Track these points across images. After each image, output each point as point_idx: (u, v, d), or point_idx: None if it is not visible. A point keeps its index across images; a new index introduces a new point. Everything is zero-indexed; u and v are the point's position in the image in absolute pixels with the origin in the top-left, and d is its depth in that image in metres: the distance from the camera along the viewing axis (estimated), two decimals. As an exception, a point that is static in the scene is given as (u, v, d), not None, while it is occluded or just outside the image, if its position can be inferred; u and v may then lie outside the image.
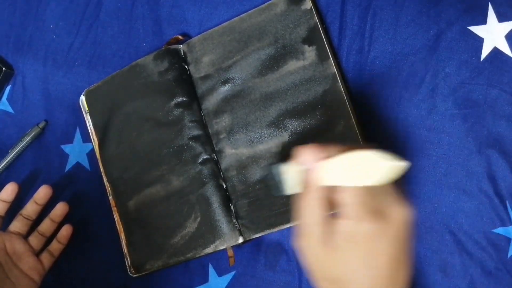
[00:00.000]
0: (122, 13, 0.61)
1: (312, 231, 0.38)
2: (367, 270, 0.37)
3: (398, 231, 0.37)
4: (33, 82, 0.63)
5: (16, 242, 0.55)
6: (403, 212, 0.37)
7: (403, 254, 0.38)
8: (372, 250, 0.36)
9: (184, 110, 0.55)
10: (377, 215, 0.36)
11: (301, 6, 0.52)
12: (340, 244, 0.37)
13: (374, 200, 0.36)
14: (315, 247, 0.38)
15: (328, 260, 0.38)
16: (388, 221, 0.36)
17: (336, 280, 0.38)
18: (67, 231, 0.58)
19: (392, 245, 0.37)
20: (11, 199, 0.56)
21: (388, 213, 0.36)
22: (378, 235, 0.36)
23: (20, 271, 0.54)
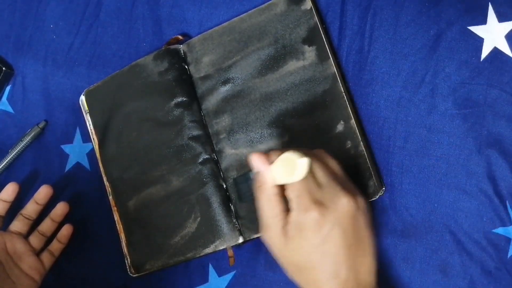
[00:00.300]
0: (122, 13, 0.61)
1: (271, 223, 0.42)
2: (321, 256, 0.41)
3: (341, 219, 0.40)
4: (33, 82, 0.63)
5: (16, 241, 0.55)
6: (345, 201, 0.41)
7: (356, 241, 0.41)
8: (320, 237, 0.40)
9: (184, 110, 0.55)
10: (320, 205, 0.40)
11: (301, 6, 0.52)
12: (293, 233, 0.41)
13: (318, 193, 0.41)
14: (275, 237, 0.42)
15: (287, 249, 0.42)
16: (332, 210, 0.40)
17: (300, 268, 0.43)
18: (68, 231, 0.58)
19: (338, 232, 0.40)
20: (11, 199, 0.56)
21: (331, 203, 0.40)
22: (323, 222, 0.40)
23: (20, 270, 0.54)
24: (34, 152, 0.63)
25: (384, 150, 0.51)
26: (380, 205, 0.51)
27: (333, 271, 0.41)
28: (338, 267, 0.41)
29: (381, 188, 0.50)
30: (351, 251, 0.41)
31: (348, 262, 0.41)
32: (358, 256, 0.42)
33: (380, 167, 0.51)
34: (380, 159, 0.51)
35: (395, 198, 0.51)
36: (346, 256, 0.41)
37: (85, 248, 0.60)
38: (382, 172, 0.51)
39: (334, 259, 0.41)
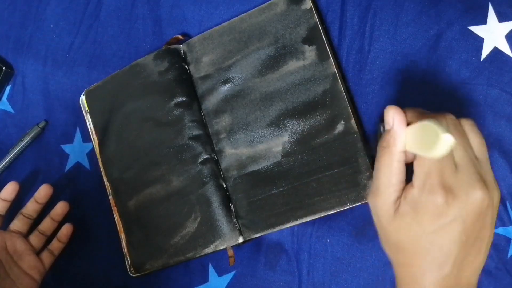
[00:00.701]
0: (122, 13, 0.61)
1: (386, 192, 0.37)
2: (430, 245, 0.36)
3: (467, 213, 0.35)
4: (33, 82, 0.63)
5: (16, 241, 0.55)
6: (478, 195, 0.35)
7: (473, 240, 0.36)
8: (437, 226, 0.35)
9: (184, 110, 0.55)
10: (448, 192, 0.35)
11: (301, 6, 0.52)
12: (406, 211, 0.36)
13: (451, 176, 0.35)
14: (384, 208, 0.37)
15: (393, 225, 0.37)
16: (460, 201, 0.35)
17: (401, 249, 0.38)
18: (68, 230, 0.58)
19: (458, 227, 0.35)
20: (11, 198, 0.56)
21: (463, 194, 0.35)
22: (445, 211, 0.35)
23: (20, 269, 0.54)
24: (34, 152, 0.63)
25: None
26: (380, 205, 0.51)
27: (437, 263, 0.36)
28: (444, 261, 0.36)
29: (381, 188, 0.50)
30: (464, 249, 0.36)
31: (456, 259, 0.36)
32: (469, 255, 0.36)
33: (380, 167, 0.51)
34: (380, 159, 0.51)
35: (395, 198, 0.51)
36: (457, 253, 0.36)
37: (85, 248, 0.60)
38: (382, 172, 0.51)
39: (442, 252, 0.36)
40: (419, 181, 0.36)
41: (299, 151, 0.51)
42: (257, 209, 0.52)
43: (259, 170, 0.53)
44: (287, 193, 0.51)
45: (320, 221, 0.52)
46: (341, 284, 0.52)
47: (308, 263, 0.53)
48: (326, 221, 0.53)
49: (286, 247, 0.54)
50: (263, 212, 0.52)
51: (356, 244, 0.52)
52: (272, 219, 0.52)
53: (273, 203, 0.52)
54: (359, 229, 0.52)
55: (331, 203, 0.50)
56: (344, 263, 0.52)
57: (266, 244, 0.55)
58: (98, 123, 0.59)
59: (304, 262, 0.53)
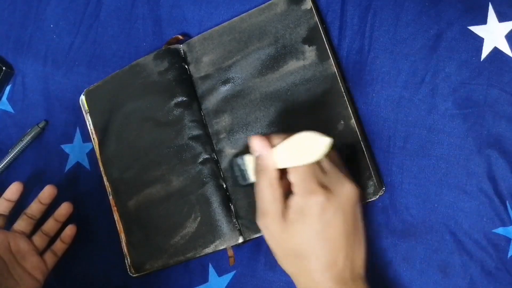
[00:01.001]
0: (122, 13, 0.61)
1: (269, 209, 0.41)
2: (321, 242, 0.40)
3: (344, 205, 0.40)
4: (33, 82, 0.63)
5: (20, 241, 0.55)
6: (349, 188, 0.41)
7: (354, 230, 0.41)
8: (322, 222, 0.40)
9: (184, 110, 0.55)
10: (326, 189, 0.39)
11: (301, 6, 0.52)
12: (293, 218, 0.40)
13: (321, 178, 0.40)
14: (274, 223, 0.41)
15: (285, 235, 0.41)
16: (337, 194, 0.40)
17: (297, 255, 0.41)
18: (72, 231, 0.58)
19: (340, 218, 0.40)
20: (15, 198, 0.57)
21: (334, 188, 0.40)
22: (325, 207, 0.39)
23: (23, 270, 0.54)
24: (34, 152, 0.63)
25: (384, 150, 0.51)
26: (380, 205, 0.51)
27: (331, 259, 0.40)
28: (336, 254, 0.40)
29: (381, 188, 0.50)
30: (350, 240, 0.41)
31: (346, 250, 0.40)
32: (355, 246, 0.41)
33: (380, 167, 0.51)
34: (380, 159, 0.51)
35: (395, 198, 0.51)
36: (345, 243, 0.40)
37: (85, 248, 0.60)
38: (382, 172, 0.51)
39: (333, 245, 0.40)
40: (298, 188, 0.40)
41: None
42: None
43: (259, 170, 0.53)
44: (287, 193, 0.51)
45: (320, 221, 0.52)
46: (341, 284, 0.52)
47: (308, 263, 0.53)
48: (326, 221, 0.53)
49: (286, 247, 0.54)
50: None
51: (356, 244, 0.52)
52: (272, 219, 0.52)
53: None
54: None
55: (331, 203, 0.50)
56: (344, 263, 0.52)
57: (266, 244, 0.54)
58: (98, 123, 0.59)
59: (304, 262, 0.53)
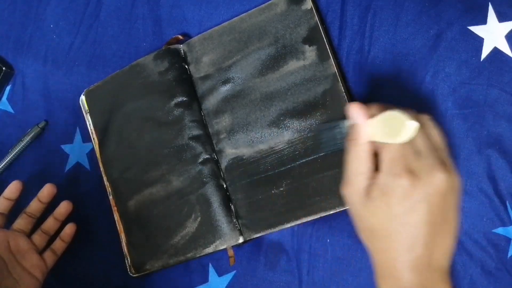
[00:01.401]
0: (122, 13, 0.61)
1: (356, 180, 0.40)
2: (400, 225, 0.38)
3: (431, 195, 0.37)
4: (33, 82, 0.63)
5: (19, 240, 0.55)
6: (440, 177, 0.37)
7: (440, 220, 0.38)
8: (404, 206, 0.37)
9: (184, 110, 0.55)
10: (413, 175, 0.37)
11: (301, 6, 0.52)
12: (376, 195, 0.39)
13: (414, 161, 0.38)
14: (356, 195, 0.40)
15: (366, 210, 0.40)
16: (424, 183, 0.37)
17: (374, 232, 0.40)
18: (71, 230, 0.58)
19: (424, 207, 0.37)
20: (15, 197, 0.57)
21: (426, 176, 0.37)
22: (411, 193, 0.37)
23: (23, 268, 0.54)
24: (34, 152, 0.63)
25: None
26: (380, 205, 0.51)
27: (409, 244, 0.38)
28: (415, 241, 0.38)
29: (381, 188, 0.50)
30: (433, 230, 0.38)
31: (426, 239, 0.38)
32: (438, 236, 0.38)
33: (380, 167, 0.51)
34: (380, 159, 0.51)
35: (395, 198, 0.51)
36: (426, 233, 0.38)
37: (85, 248, 0.60)
38: (382, 172, 0.51)
39: (413, 232, 0.38)
40: (385, 167, 0.39)
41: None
42: (257, 209, 0.52)
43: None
44: (287, 193, 0.51)
45: (320, 221, 0.52)
46: (341, 284, 0.52)
47: (308, 263, 0.53)
48: (326, 221, 0.53)
49: (286, 247, 0.54)
50: (263, 212, 0.52)
51: (356, 244, 0.52)
52: (272, 219, 0.52)
53: (273, 203, 0.52)
54: (359, 229, 0.52)
55: (331, 203, 0.50)
56: (344, 263, 0.52)
57: (266, 244, 0.55)
58: (98, 123, 0.59)
59: (304, 262, 0.53)
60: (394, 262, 0.39)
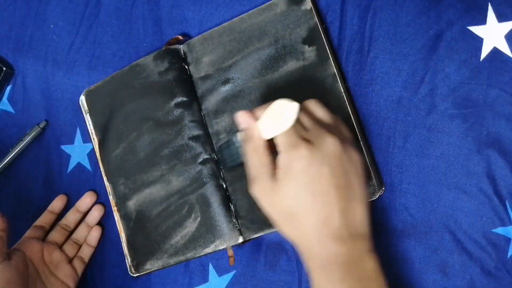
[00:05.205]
0: (122, 13, 0.61)
1: (260, 173, 0.42)
2: (311, 196, 0.40)
3: (329, 158, 0.40)
4: (34, 82, 0.63)
5: (53, 251, 0.57)
6: (332, 141, 0.40)
7: (346, 184, 0.40)
8: (309, 175, 0.39)
9: (184, 110, 0.55)
10: (307, 143, 0.40)
11: (301, 6, 0.52)
12: (281, 176, 0.40)
13: (303, 133, 0.41)
14: (264, 186, 0.41)
15: (278, 196, 0.41)
16: (318, 148, 0.40)
17: (292, 215, 0.41)
18: (98, 233, 0.59)
19: (327, 171, 0.39)
20: (59, 211, 0.60)
21: (318, 142, 0.40)
22: (310, 160, 0.39)
23: (56, 279, 0.55)
24: (35, 152, 0.63)
25: (383, 150, 0.51)
26: (380, 205, 0.51)
27: (324, 214, 0.39)
28: (330, 209, 0.39)
29: (380, 188, 0.50)
30: (342, 194, 0.40)
31: (339, 204, 0.39)
32: (349, 201, 0.40)
33: (380, 167, 0.51)
34: (380, 159, 0.52)
35: (394, 198, 0.51)
36: (337, 197, 0.39)
37: (85, 248, 0.60)
38: (382, 172, 0.51)
39: (324, 199, 0.39)
40: (282, 146, 0.41)
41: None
42: (257, 209, 0.52)
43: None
44: (287, 193, 0.51)
45: (320, 221, 0.52)
46: (341, 284, 0.52)
47: (308, 263, 0.53)
48: (326, 221, 0.53)
49: (286, 247, 0.54)
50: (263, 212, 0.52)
51: (356, 244, 0.52)
52: (272, 219, 0.52)
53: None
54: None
55: (331, 203, 0.50)
56: (344, 263, 0.52)
57: (266, 244, 0.55)
58: (98, 123, 0.59)
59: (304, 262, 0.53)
60: (315, 239, 0.40)
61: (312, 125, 0.42)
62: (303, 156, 0.39)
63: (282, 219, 0.42)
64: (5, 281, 0.49)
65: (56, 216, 0.60)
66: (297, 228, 0.41)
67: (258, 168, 0.42)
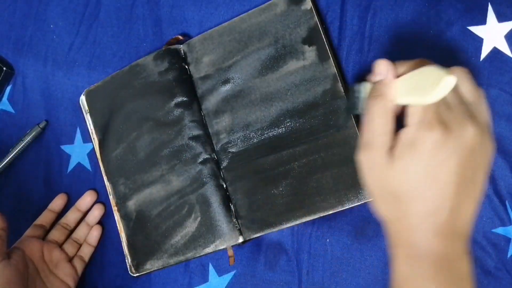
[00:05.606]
0: (122, 13, 0.61)
1: (376, 141, 0.37)
2: (429, 182, 0.35)
3: (463, 148, 0.35)
4: (34, 82, 0.63)
5: (53, 250, 0.57)
6: (473, 131, 0.35)
7: (469, 180, 0.36)
8: (435, 160, 0.35)
9: (184, 110, 0.55)
10: (445, 127, 0.35)
11: (301, 6, 0.52)
12: (402, 152, 0.36)
13: (445, 113, 0.35)
14: (377, 157, 0.37)
15: (389, 173, 0.36)
16: (455, 136, 0.35)
17: (398, 196, 0.36)
18: (98, 232, 0.59)
19: (455, 162, 0.35)
20: (59, 209, 0.60)
21: (458, 128, 0.35)
22: (441, 145, 0.35)
23: (56, 277, 0.56)
24: (35, 152, 0.63)
25: None
26: (380, 205, 0.51)
27: (435, 205, 0.35)
28: (442, 202, 0.35)
29: (381, 188, 0.50)
30: (461, 190, 0.35)
31: (454, 200, 0.35)
32: (465, 198, 0.36)
33: (380, 167, 0.51)
34: (380, 159, 0.51)
35: (395, 198, 0.51)
36: (455, 192, 0.35)
37: (85, 248, 0.60)
38: (382, 172, 0.51)
39: (441, 190, 0.35)
40: (415, 119, 0.36)
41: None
42: (257, 209, 0.53)
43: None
44: (286, 193, 0.51)
45: (320, 221, 0.53)
46: (341, 284, 0.52)
47: (308, 263, 0.53)
48: (326, 221, 0.53)
49: (286, 247, 0.54)
50: (263, 212, 0.52)
51: (356, 244, 0.52)
52: (272, 219, 0.52)
53: (272, 203, 0.52)
54: (358, 229, 0.52)
55: (331, 203, 0.50)
56: (344, 263, 0.52)
57: (266, 244, 0.55)
58: (98, 123, 0.59)
59: (304, 262, 0.53)
60: (416, 228, 0.36)
61: (456, 105, 0.36)
62: (435, 140, 0.35)
63: (383, 196, 0.38)
64: (5, 280, 0.49)
65: (56, 215, 0.60)
66: (399, 210, 0.37)
67: (378, 135, 0.37)
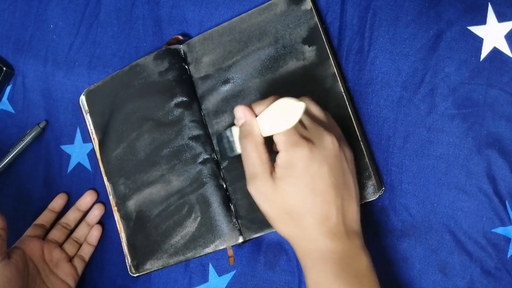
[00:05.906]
0: (122, 13, 0.61)
1: (258, 171, 0.41)
2: (311, 195, 0.40)
3: (328, 157, 0.41)
4: (34, 82, 0.63)
5: (53, 250, 0.57)
6: (330, 140, 0.41)
7: (342, 183, 0.41)
8: (309, 174, 0.40)
9: (184, 110, 0.55)
10: (308, 141, 0.40)
11: (301, 6, 0.52)
12: (281, 174, 0.40)
13: (306, 132, 0.41)
14: (264, 184, 0.41)
15: (276, 195, 0.41)
16: (318, 147, 0.40)
17: (290, 213, 0.41)
18: (98, 231, 0.59)
19: (326, 170, 0.40)
20: (59, 209, 0.60)
21: (319, 140, 0.41)
22: (310, 159, 0.40)
23: (56, 277, 0.56)
24: (35, 152, 0.63)
25: (383, 150, 0.51)
26: (380, 205, 0.51)
27: (323, 213, 0.40)
28: (328, 208, 0.40)
29: (380, 188, 0.50)
30: (339, 192, 0.41)
31: (337, 203, 0.41)
32: (345, 199, 0.41)
33: (380, 167, 0.51)
34: (380, 159, 0.52)
35: (394, 198, 0.51)
36: (335, 196, 0.40)
37: (85, 248, 0.60)
38: (382, 172, 0.51)
39: (323, 198, 0.40)
40: (283, 145, 0.41)
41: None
42: (257, 209, 0.52)
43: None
44: (287, 193, 0.51)
45: (320, 221, 0.52)
46: (341, 284, 0.52)
47: (308, 263, 0.53)
48: (326, 221, 0.53)
49: (286, 247, 0.54)
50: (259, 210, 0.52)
51: (356, 244, 0.52)
52: (272, 219, 0.52)
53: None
54: (359, 229, 0.52)
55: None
56: (344, 263, 0.52)
57: (266, 244, 0.55)
58: (98, 123, 0.59)
59: (304, 262, 0.53)
60: (313, 238, 0.41)
61: (310, 124, 0.42)
62: (304, 155, 0.40)
63: (280, 217, 0.42)
64: (5, 280, 0.49)
65: (57, 215, 0.60)
66: (295, 226, 0.41)
67: (257, 166, 0.41)
